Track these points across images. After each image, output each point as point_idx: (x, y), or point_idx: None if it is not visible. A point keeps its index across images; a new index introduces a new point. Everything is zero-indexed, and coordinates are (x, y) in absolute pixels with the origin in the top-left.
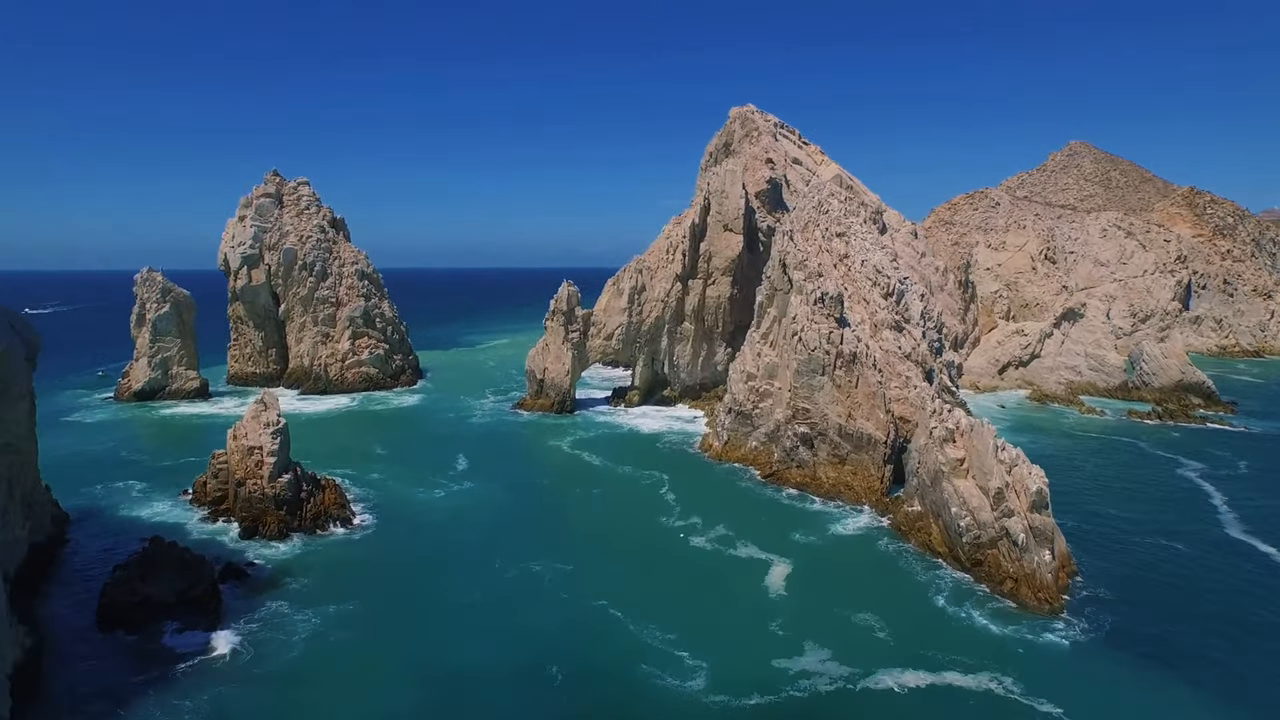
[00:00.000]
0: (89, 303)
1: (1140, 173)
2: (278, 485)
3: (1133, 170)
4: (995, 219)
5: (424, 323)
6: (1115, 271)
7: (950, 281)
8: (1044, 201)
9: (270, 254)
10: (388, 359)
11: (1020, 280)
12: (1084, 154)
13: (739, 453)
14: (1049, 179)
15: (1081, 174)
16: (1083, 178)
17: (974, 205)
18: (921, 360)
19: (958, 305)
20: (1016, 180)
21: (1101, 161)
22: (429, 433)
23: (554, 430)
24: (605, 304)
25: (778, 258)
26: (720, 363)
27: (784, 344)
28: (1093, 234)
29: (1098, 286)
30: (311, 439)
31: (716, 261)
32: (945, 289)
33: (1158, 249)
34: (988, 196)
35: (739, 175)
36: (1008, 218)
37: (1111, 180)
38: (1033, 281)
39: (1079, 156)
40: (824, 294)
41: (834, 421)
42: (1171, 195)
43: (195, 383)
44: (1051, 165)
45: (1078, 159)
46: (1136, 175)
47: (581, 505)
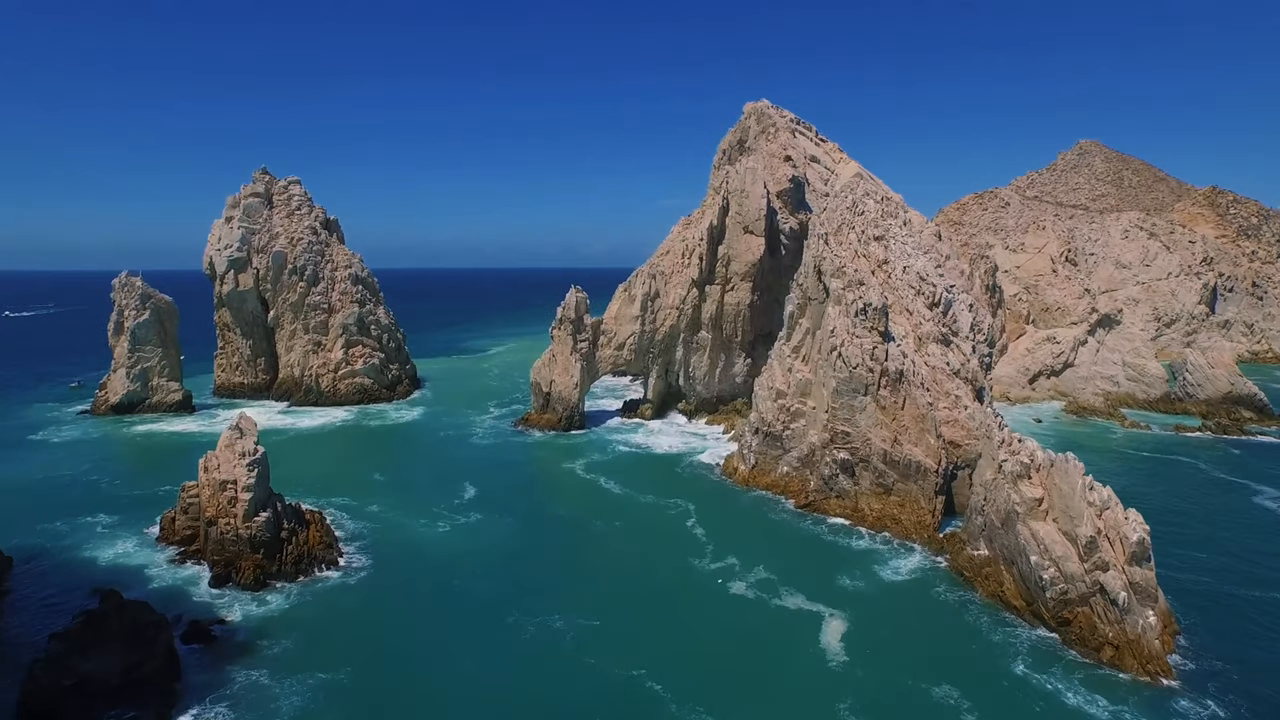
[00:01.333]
0: (77, 305)
1: (1153, 172)
2: (254, 525)
3: (1145, 169)
4: (1005, 219)
5: (421, 327)
6: (1138, 274)
7: (976, 285)
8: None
9: (259, 257)
10: (383, 369)
11: (1040, 283)
12: (1095, 153)
13: (768, 478)
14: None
15: (1093, 173)
16: (1094, 177)
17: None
18: (972, 377)
19: (984, 311)
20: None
21: (1113, 161)
22: (429, 453)
23: (566, 451)
24: (616, 311)
25: (812, 263)
26: (739, 374)
27: (819, 359)
28: (1113, 235)
29: (1120, 290)
30: (300, 459)
31: (736, 266)
32: (971, 294)
33: (1182, 250)
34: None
35: (760, 173)
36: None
37: (1124, 180)
38: (1053, 285)
39: (1089, 156)
40: (867, 305)
41: (878, 447)
42: (1191, 195)
43: (177, 395)
44: (1061, 164)
45: (1088, 158)
46: (1149, 175)
47: (603, 543)
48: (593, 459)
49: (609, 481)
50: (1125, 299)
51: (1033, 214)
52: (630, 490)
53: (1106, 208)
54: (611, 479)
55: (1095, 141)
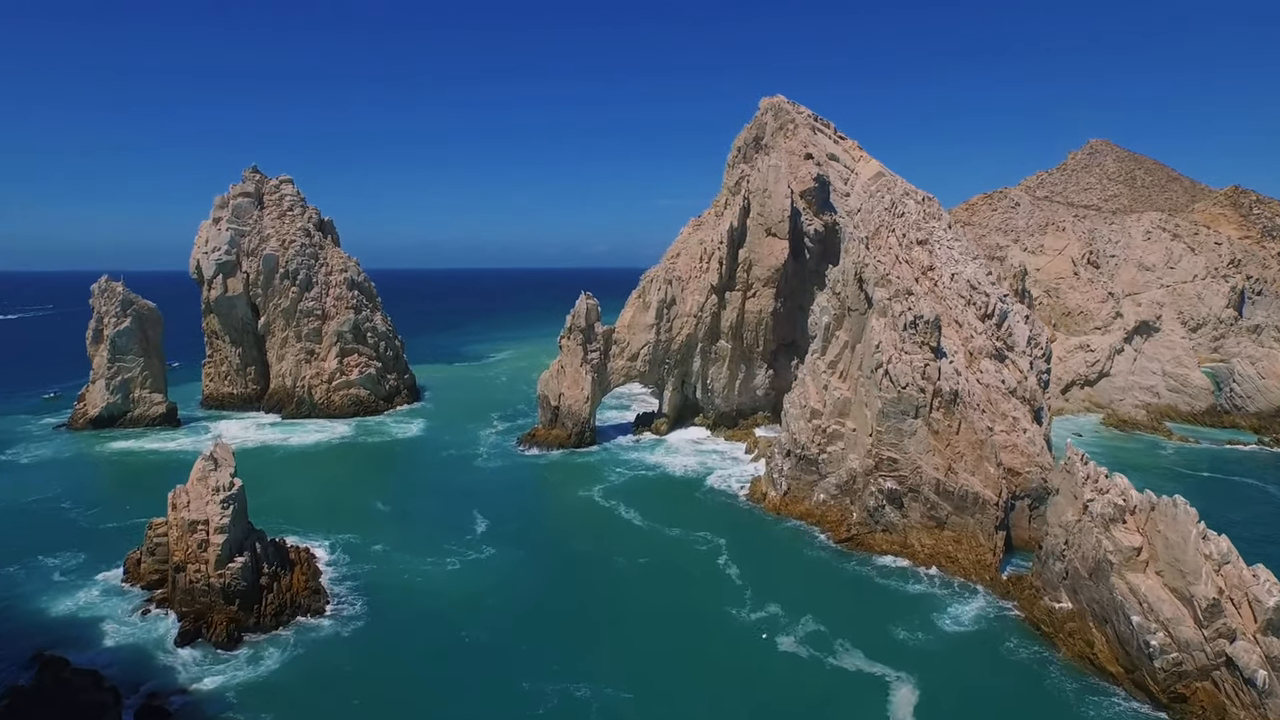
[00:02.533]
0: (68, 307)
1: (1166, 171)
2: (228, 573)
3: (1158, 169)
4: (1015, 220)
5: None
6: (1162, 276)
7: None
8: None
9: (248, 260)
10: (380, 379)
11: (1061, 287)
12: (1106, 152)
13: (802, 506)
14: (1070, 178)
15: (1104, 173)
16: (1106, 177)
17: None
18: (1030, 397)
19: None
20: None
21: (1125, 160)
22: (432, 477)
23: (579, 473)
24: (629, 320)
25: (852, 270)
26: (760, 386)
27: (860, 376)
28: (1135, 236)
29: (1143, 293)
30: (290, 483)
31: (758, 271)
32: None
33: (1208, 252)
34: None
35: (784, 172)
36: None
37: (1136, 179)
38: (1075, 288)
39: (1100, 155)
40: (917, 317)
41: (929, 475)
42: (1212, 195)
43: (161, 408)
44: (1072, 164)
45: (1099, 157)
46: (1162, 174)
47: (629, 586)
48: (609, 482)
49: (629, 510)
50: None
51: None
52: (653, 521)
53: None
54: (631, 507)
55: (1106, 140)
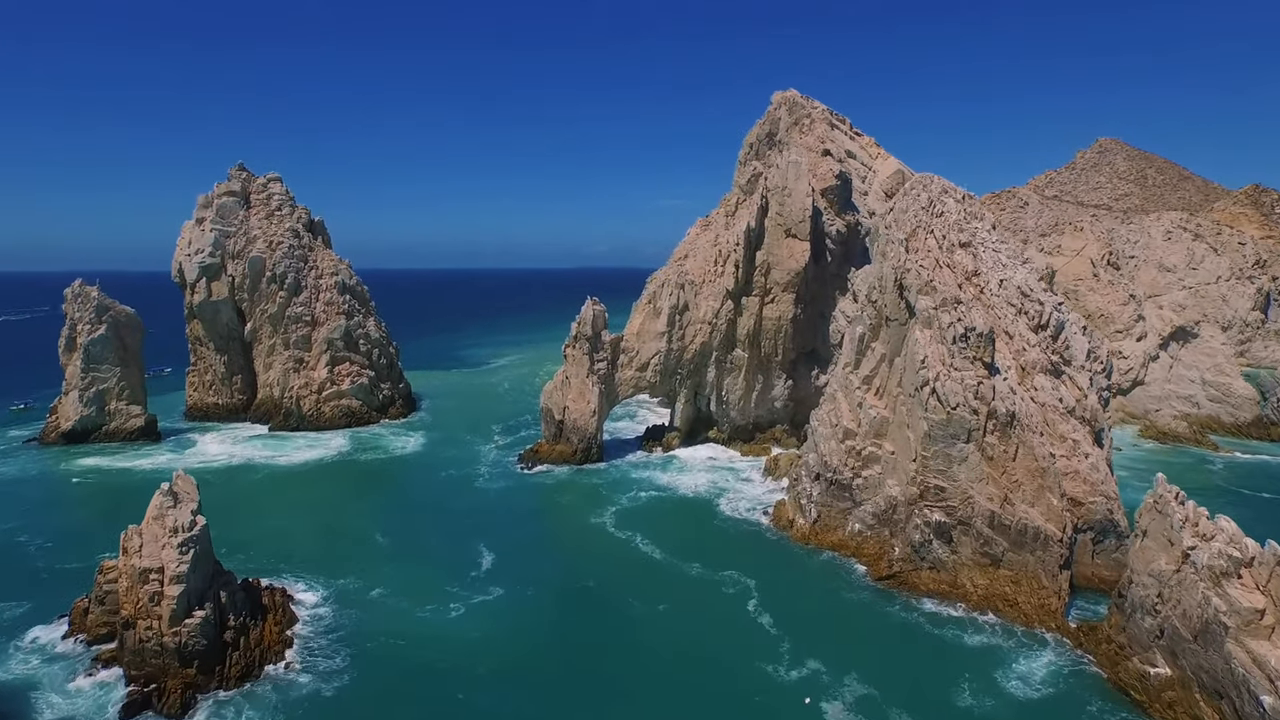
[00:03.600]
0: (44, 310)
1: (1177, 170)
2: (184, 631)
3: (1169, 167)
4: (1024, 220)
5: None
6: (1184, 278)
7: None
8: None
9: (234, 263)
10: (373, 388)
11: (1081, 289)
12: (1116, 151)
13: (834, 536)
14: (1079, 177)
15: (1115, 172)
16: (1116, 176)
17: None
18: (1091, 416)
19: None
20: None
21: (1135, 159)
22: (430, 501)
23: (587, 495)
24: (639, 327)
25: (892, 276)
26: (778, 398)
27: (901, 394)
28: (1155, 236)
29: (1164, 295)
30: (275, 508)
31: (777, 274)
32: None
33: (1231, 253)
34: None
35: (804, 169)
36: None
37: (1148, 178)
38: (1095, 290)
39: (1110, 154)
40: (969, 329)
41: (983, 507)
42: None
43: (139, 420)
44: (1081, 163)
45: (1109, 156)
46: (1174, 173)
47: (650, 636)
48: (620, 505)
49: (645, 541)
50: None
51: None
52: (671, 554)
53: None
54: (647, 537)
55: (1116, 139)
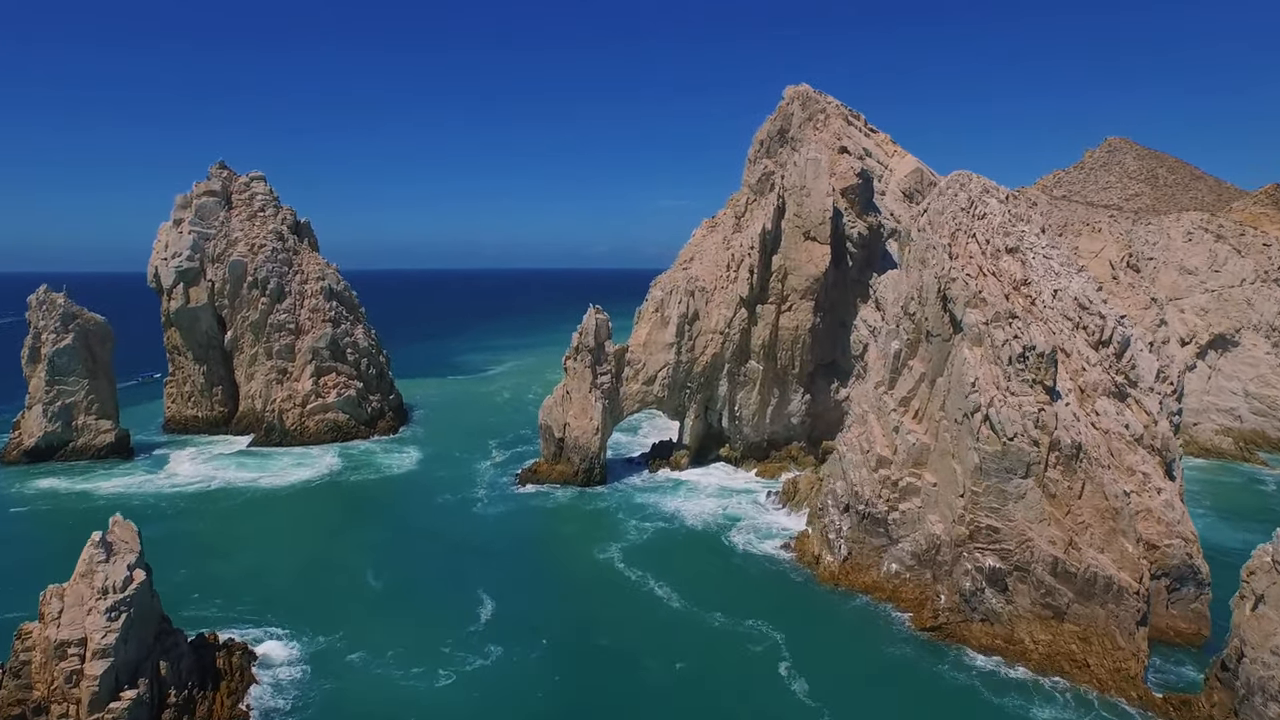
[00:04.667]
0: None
1: (1189, 169)
2: (108, 718)
3: (1181, 167)
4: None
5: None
6: (1205, 280)
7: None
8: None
9: (214, 267)
10: (361, 401)
11: None
12: (1125, 150)
13: (868, 577)
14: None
15: (1124, 171)
16: (1126, 175)
17: None
18: (1161, 446)
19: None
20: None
21: (1146, 158)
22: (422, 529)
23: (591, 523)
24: (645, 337)
25: (934, 285)
26: (795, 413)
27: (945, 420)
28: (1174, 237)
29: (1186, 298)
30: (251, 540)
31: (795, 281)
32: None
33: (1256, 254)
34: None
35: (824, 167)
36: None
37: (1159, 178)
38: (1115, 293)
39: (1120, 153)
40: (1028, 348)
41: (1044, 551)
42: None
43: (109, 436)
44: (1090, 162)
45: (1119, 155)
46: (1185, 172)
47: (670, 710)
48: (627, 539)
49: (658, 583)
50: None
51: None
52: (688, 599)
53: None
54: (660, 577)
55: (1125, 139)
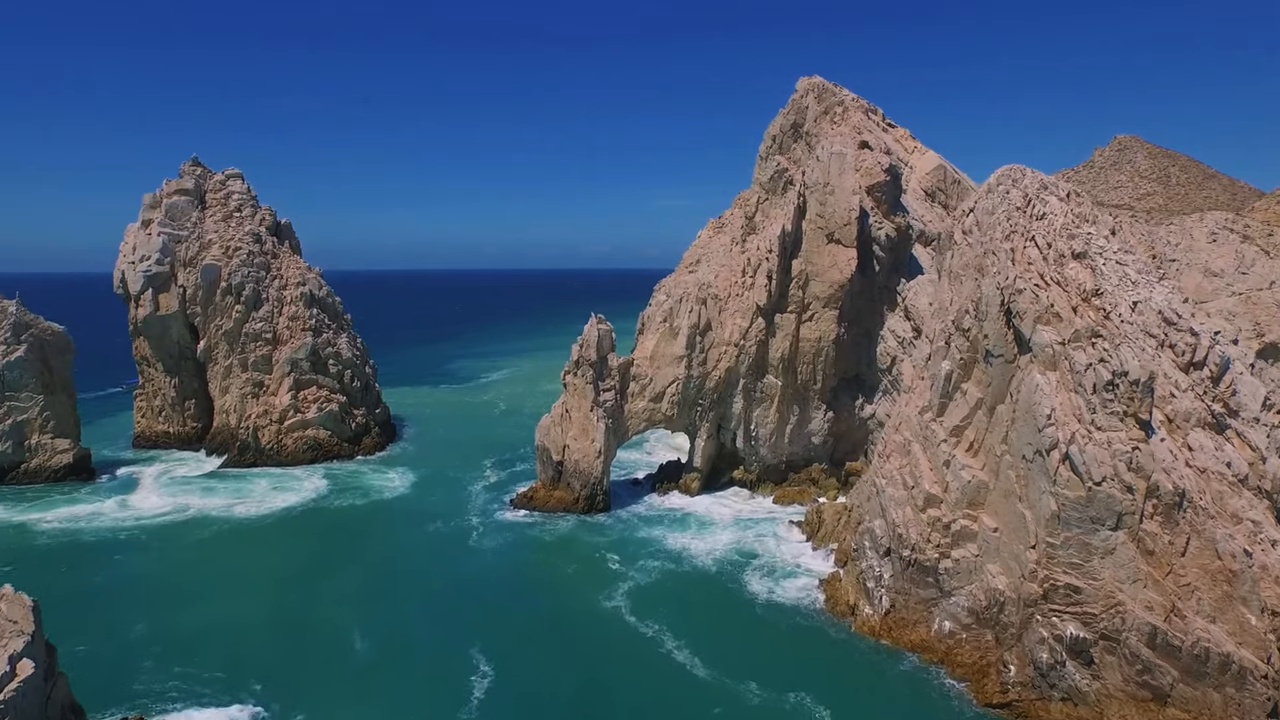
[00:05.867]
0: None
1: (1201, 169)
2: None
3: (1193, 166)
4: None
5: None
6: (1232, 283)
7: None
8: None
9: (185, 272)
10: (344, 416)
11: None
12: (1136, 149)
13: (916, 635)
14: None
15: (1135, 170)
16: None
17: None
18: (1273, 488)
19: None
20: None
21: (1157, 157)
22: (414, 568)
23: (596, 565)
24: (653, 349)
25: (996, 296)
26: (816, 433)
27: (1008, 454)
28: (1198, 238)
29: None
30: (224, 583)
31: (817, 287)
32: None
33: None
34: None
35: (850, 162)
36: None
37: (1171, 177)
38: None
39: (1130, 152)
40: (1118, 374)
41: (1139, 619)
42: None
43: (67, 456)
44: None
45: (1129, 154)
46: (1198, 171)
47: None
48: (636, 580)
49: (676, 641)
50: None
51: None
52: (712, 665)
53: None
54: (677, 633)
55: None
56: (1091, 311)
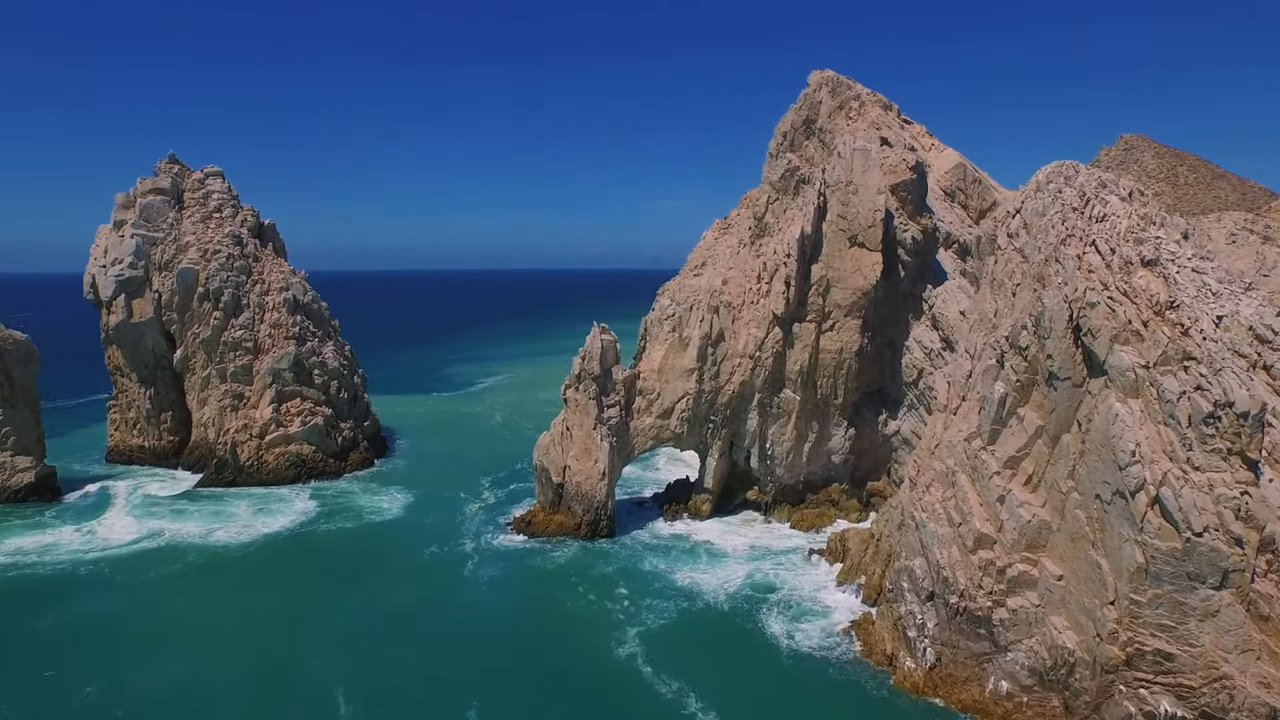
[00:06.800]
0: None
1: (1210, 168)
2: None
3: (1201, 165)
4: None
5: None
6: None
7: None
8: None
9: (161, 276)
10: (329, 430)
11: None
12: (1143, 148)
13: (967, 694)
14: None
15: (1143, 170)
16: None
17: None
18: None
19: None
20: None
21: (1165, 156)
22: (405, 608)
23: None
24: (660, 361)
25: (1063, 310)
26: (837, 451)
27: (1076, 492)
28: (1216, 239)
29: None
30: (194, 627)
31: (839, 294)
32: None
33: None
34: None
35: (875, 158)
36: None
37: (1179, 177)
38: None
39: (1137, 151)
40: (1221, 405)
41: (1250, 696)
42: None
43: (29, 475)
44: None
45: (1136, 154)
46: (1206, 171)
47: None
48: (646, 622)
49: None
50: None
51: None
52: None
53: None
54: (699, 691)
55: (1142, 136)
56: (1167, 327)
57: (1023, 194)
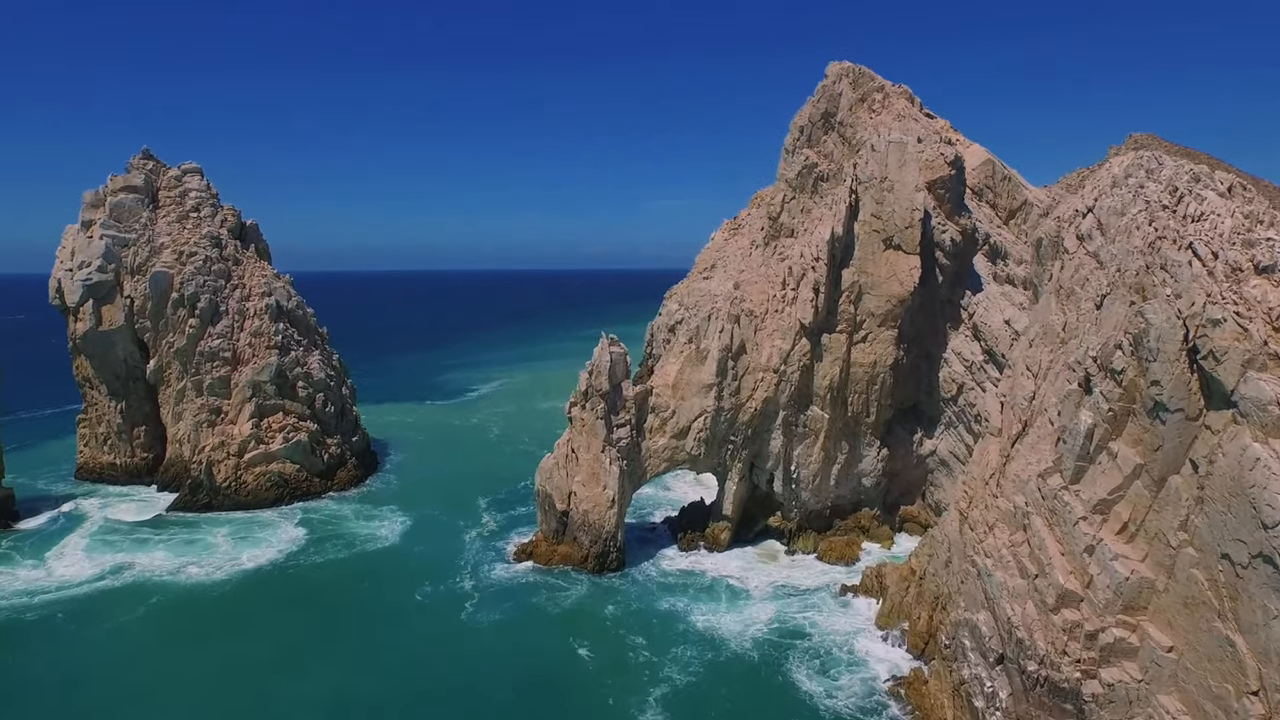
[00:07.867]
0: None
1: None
2: None
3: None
4: None
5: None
6: None
7: None
8: None
9: (134, 281)
10: (314, 447)
11: None
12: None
13: None
14: None
15: None
16: None
17: None
18: None
19: None
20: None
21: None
22: (397, 657)
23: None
24: (675, 375)
25: (1175, 328)
26: (868, 473)
27: (1194, 549)
28: None
29: None
30: (160, 690)
31: (873, 302)
32: None
33: None
34: None
35: (912, 153)
36: None
37: None
38: None
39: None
40: None
41: None
42: None
43: None
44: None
45: None
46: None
47: None
48: (667, 677)
49: None
50: None
51: None
52: None
53: None
54: None
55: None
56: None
57: (1094, 190)
